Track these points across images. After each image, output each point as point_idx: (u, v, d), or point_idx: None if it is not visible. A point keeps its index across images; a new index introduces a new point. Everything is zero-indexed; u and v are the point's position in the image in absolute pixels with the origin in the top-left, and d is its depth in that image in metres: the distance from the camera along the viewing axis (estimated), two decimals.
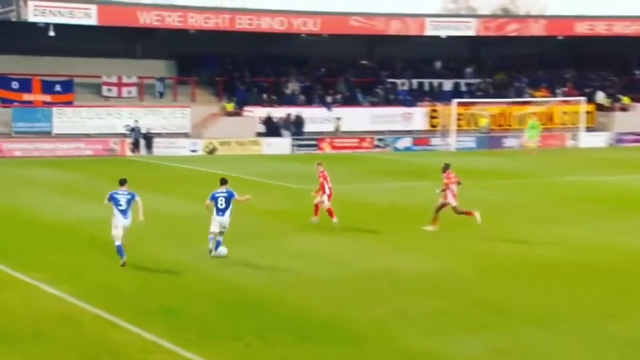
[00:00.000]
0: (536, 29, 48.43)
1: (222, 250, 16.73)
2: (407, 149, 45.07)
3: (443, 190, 19.35)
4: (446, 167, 19.66)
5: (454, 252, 17.41)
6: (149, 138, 41.73)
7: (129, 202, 16.29)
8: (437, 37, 47.75)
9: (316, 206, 20.38)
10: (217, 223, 16.74)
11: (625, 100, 50.56)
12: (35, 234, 19.06)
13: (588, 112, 48.66)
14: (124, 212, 16.22)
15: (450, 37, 47.98)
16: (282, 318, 12.61)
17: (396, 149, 44.86)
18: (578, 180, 27.71)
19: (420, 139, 45.89)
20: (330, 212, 20.23)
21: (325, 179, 20.45)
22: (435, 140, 45.99)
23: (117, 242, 16.10)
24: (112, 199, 16.31)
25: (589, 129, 48.09)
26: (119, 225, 16.10)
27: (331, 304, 13.30)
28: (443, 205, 19.37)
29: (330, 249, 17.69)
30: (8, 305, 12.99)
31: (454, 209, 19.42)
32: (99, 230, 19.47)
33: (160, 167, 35.84)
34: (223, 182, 17.15)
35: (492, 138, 46.75)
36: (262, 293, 13.97)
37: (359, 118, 46.04)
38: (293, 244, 18.27)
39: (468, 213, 19.47)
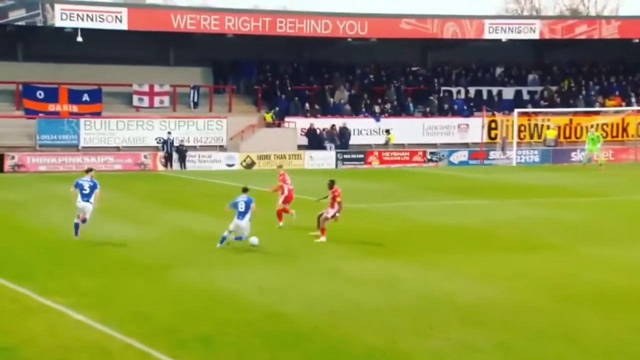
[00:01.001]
0: (608, 31, 47.90)
1: (254, 239, 19.63)
2: (463, 163, 44.85)
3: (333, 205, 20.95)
4: (332, 184, 21.33)
5: (517, 277, 17.21)
6: (182, 151, 42.17)
7: (91, 188, 20.63)
8: (498, 41, 47.56)
9: (279, 212, 23.00)
10: (234, 224, 19.77)
11: None
12: (61, 255, 19.32)
13: None
14: (86, 197, 20.57)
15: (511, 41, 47.74)
16: (327, 350, 12.57)
17: (451, 164, 44.68)
18: None
19: (477, 152, 45.63)
20: (279, 214, 22.93)
21: (284, 181, 23.13)
22: (494, 154, 45.68)
23: (76, 220, 20.67)
24: (77, 185, 20.63)
25: None
26: (81, 207, 20.59)
27: (381, 334, 13.22)
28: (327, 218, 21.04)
29: (379, 273, 17.63)
30: (33, 333, 13.17)
31: (322, 217, 21.02)
32: (129, 252, 19.69)
33: (194, 183, 36.15)
34: (244, 190, 20.14)
35: (557, 151, 46.27)
36: (306, 321, 13.94)
37: (410, 129, 46.00)
38: (339, 266, 18.24)
39: (322, 230, 20.99)
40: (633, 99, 50.33)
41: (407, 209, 27.36)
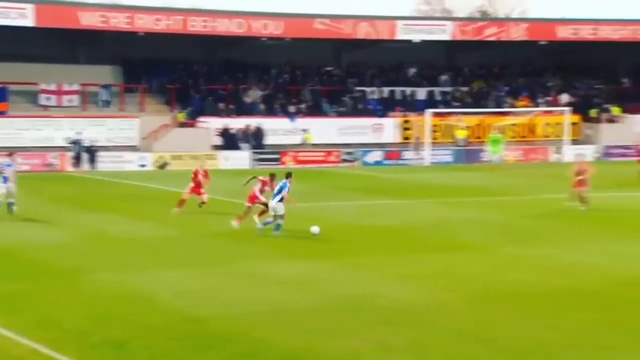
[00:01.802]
0: (516, 33, 49.06)
1: (314, 229, 21.14)
2: (378, 163, 45.23)
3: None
4: (272, 177, 23.01)
5: (435, 278, 17.37)
6: (92, 152, 41.28)
7: (8, 170, 24.00)
8: (410, 42, 48.15)
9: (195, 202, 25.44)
10: (269, 206, 21.61)
11: (615, 110, 51.24)
12: None
13: (573, 124, 49.33)
14: (5, 179, 24.07)
15: (423, 42, 48.42)
16: (245, 353, 12.42)
17: (365, 164, 44.99)
18: (560, 197, 27.95)
19: (391, 152, 46.09)
20: (181, 202, 25.44)
21: (196, 175, 26.00)
22: (408, 154, 46.22)
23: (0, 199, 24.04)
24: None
25: (574, 142, 48.70)
26: (1, 188, 24.17)
27: (299, 337, 13.15)
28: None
29: (298, 274, 17.56)
30: None
31: (249, 210, 22.66)
32: (40, 255, 19.12)
33: (105, 184, 35.43)
34: (287, 175, 22.09)
35: (469, 151, 47.11)
36: (225, 325, 13.76)
37: (325, 129, 46.14)
38: (259, 268, 18.10)
39: (241, 217, 22.53)
40: (541, 100, 51.67)
41: (324, 210, 27.39)
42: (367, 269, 18.07)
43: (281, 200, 21.49)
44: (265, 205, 22.27)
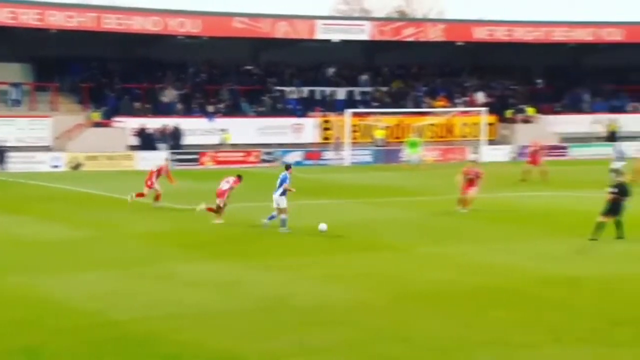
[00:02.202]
0: (434, 34, 49.78)
1: (322, 226, 21.62)
2: (298, 163, 45.18)
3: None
4: (240, 178, 24.49)
5: (357, 278, 17.42)
6: (2, 152, 40.13)
7: None
8: (329, 42, 48.33)
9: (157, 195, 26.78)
10: (273, 199, 22.25)
11: (530, 111, 52.48)
12: None
13: (490, 124, 50.31)
14: None
15: (342, 42, 48.69)
16: (161, 356, 12.22)
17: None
18: (479, 197, 28.39)
19: (311, 152, 46.18)
20: (141, 194, 26.73)
21: (157, 172, 27.29)
22: (328, 154, 46.38)
23: None
24: None
25: (490, 142, 49.68)
26: None
27: (223, 339, 12.99)
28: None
29: (217, 276, 17.38)
30: None
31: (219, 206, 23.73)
32: None
33: (16, 185, 34.51)
34: (287, 167, 22.93)
35: (389, 152, 47.54)
36: (139, 327, 13.50)
37: (244, 129, 45.95)
38: (176, 270, 17.85)
39: (211, 210, 23.83)
40: (458, 100, 52.53)
41: (245, 211, 27.22)
42: (288, 270, 18.01)
43: (283, 193, 21.94)
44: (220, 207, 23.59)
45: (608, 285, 16.75)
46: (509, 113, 51.92)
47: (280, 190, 22.01)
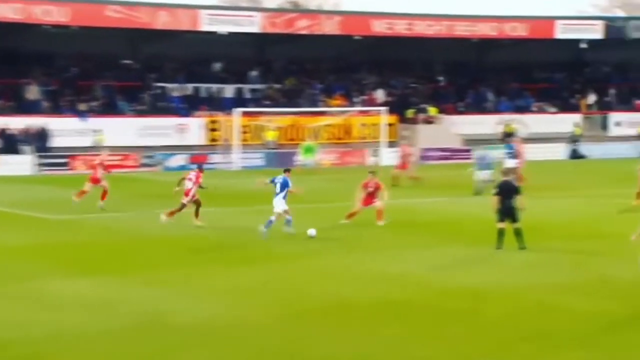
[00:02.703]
0: (329, 27, 50.28)
1: (311, 231, 23.24)
2: (182, 167, 44.87)
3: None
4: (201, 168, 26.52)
5: (243, 293, 17.44)
6: None
7: None
8: (215, 34, 48.18)
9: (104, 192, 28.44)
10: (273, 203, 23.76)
11: (432, 111, 53.57)
12: None
13: (390, 124, 51.12)
14: None
15: (231, 34, 48.60)
16: None
17: (168, 168, 44.58)
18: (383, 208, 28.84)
19: (197, 155, 45.91)
20: (81, 194, 28.87)
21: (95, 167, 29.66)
22: (216, 158, 46.24)
23: None
24: None
25: (391, 144, 50.47)
26: None
27: None
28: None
29: (91, 293, 17.16)
30: None
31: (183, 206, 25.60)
32: None
33: None
34: (286, 170, 24.61)
35: (282, 155, 47.71)
36: (3, 352, 13.21)
37: (122, 130, 45.37)
38: (48, 288, 17.55)
39: (173, 213, 25.42)
40: (356, 99, 53.07)
41: (119, 220, 26.88)
42: (169, 285, 17.91)
43: (285, 196, 23.74)
44: (185, 205, 25.41)
45: (512, 297, 17.29)
46: (410, 113, 52.90)
47: (283, 193, 23.76)
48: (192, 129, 47.37)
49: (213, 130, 47.87)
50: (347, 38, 51.52)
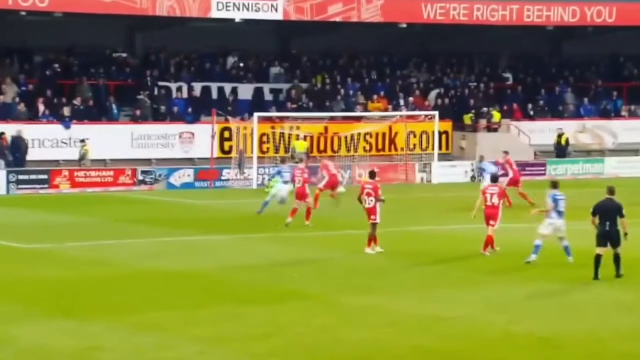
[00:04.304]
0: (369, 13, 50.13)
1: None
2: (187, 185, 45.16)
3: None
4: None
5: (260, 337, 17.50)
6: None
7: None
8: (230, 22, 48.41)
9: None
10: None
11: (496, 115, 52.97)
12: None
13: (443, 133, 51.02)
14: None
15: (248, 22, 48.77)
16: None
17: (171, 186, 44.83)
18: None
19: (205, 170, 46.11)
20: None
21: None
22: (229, 173, 46.36)
23: None
24: None
25: (444, 157, 50.28)
26: None
27: None
28: None
29: (71, 339, 17.36)
30: None
31: None
32: None
33: None
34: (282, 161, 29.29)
35: (314, 169, 47.61)
36: None
37: (114, 140, 45.68)
38: (13, 332, 17.73)
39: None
40: (401, 101, 52.78)
41: (109, 250, 27.06)
42: (164, 329, 17.98)
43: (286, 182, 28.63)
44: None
45: (593, 346, 17.18)
46: (468, 118, 52.78)
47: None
48: (200, 138, 47.53)
49: (225, 139, 48.00)
50: (390, 26, 51.58)
